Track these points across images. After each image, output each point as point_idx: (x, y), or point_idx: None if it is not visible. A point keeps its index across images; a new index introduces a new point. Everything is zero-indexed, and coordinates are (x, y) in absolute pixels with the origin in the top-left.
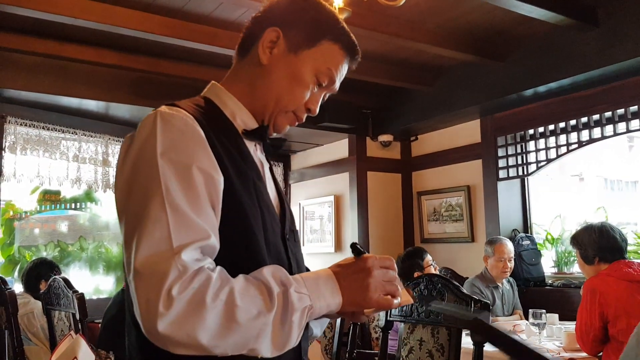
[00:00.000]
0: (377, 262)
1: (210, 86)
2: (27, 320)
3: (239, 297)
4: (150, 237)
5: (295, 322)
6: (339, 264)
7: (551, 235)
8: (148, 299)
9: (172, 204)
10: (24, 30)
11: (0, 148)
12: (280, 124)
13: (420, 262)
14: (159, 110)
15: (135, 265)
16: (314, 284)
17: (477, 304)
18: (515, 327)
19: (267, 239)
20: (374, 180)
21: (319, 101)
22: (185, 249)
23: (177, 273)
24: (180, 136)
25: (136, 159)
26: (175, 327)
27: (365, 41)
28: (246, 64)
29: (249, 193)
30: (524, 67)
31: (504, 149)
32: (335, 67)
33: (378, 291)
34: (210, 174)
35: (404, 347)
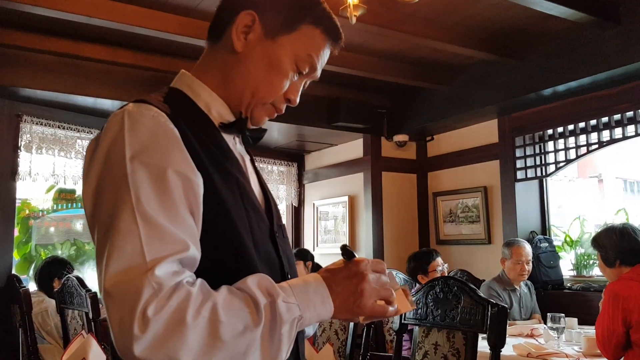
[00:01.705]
0: (370, 265)
1: (179, 76)
2: (42, 319)
3: (222, 312)
4: (120, 252)
5: (284, 335)
6: (328, 268)
7: (570, 238)
8: (121, 321)
9: (144, 214)
10: (39, 30)
11: (16, 147)
12: (258, 117)
13: (425, 265)
14: (126, 108)
15: (105, 285)
16: (303, 291)
17: (494, 308)
18: (533, 331)
19: (254, 240)
20: (389, 180)
21: (299, 90)
22: (160, 263)
23: (151, 291)
24: (151, 137)
25: (103, 164)
26: (153, 350)
27: (380, 39)
28: (219, 51)
29: (232, 192)
30: (543, 66)
31: (522, 149)
32: (317, 53)
33: (373, 297)
34: (188, 176)
35: (418, 351)
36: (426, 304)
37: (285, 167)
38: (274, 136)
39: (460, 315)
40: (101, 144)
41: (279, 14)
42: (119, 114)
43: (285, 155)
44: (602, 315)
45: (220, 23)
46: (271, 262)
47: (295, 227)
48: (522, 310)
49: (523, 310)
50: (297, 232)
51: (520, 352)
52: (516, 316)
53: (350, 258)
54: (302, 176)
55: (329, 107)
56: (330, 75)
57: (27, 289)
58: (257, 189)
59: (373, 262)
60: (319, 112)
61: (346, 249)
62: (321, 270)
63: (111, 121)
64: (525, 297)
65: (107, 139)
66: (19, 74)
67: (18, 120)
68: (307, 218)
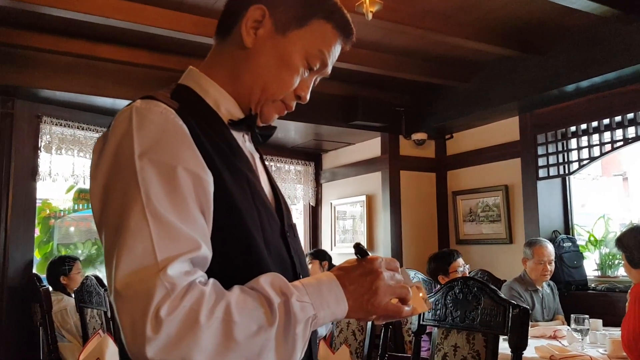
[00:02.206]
0: (384, 263)
1: (187, 72)
2: (61, 317)
3: (236, 312)
4: (131, 252)
5: (299, 334)
6: (341, 266)
7: (594, 237)
8: (133, 323)
9: (155, 213)
10: (56, 31)
11: (36, 147)
12: (267, 114)
13: (446, 266)
14: (134, 104)
15: (116, 286)
16: (317, 290)
17: (515, 309)
18: (556, 332)
19: (266, 239)
20: (408, 179)
21: (310, 87)
22: (172, 263)
23: (164, 291)
24: (160, 134)
25: (111, 162)
26: (166, 352)
27: (398, 36)
28: (228, 46)
29: (243, 190)
30: (565, 61)
31: (544, 147)
32: (328, 49)
33: (387, 295)
34: (198, 174)
35: (437, 353)
36: (445, 304)
37: (302, 166)
38: (291, 135)
39: (480, 316)
40: (109, 142)
41: (289, 8)
42: (127, 110)
43: (302, 154)
44: (628, 317)
45: (229, 18)
46: (283, 262)
47: (312, 227)
48: (544, 311)
49: (545, 312)
50: (314, 232)
51: (543, 354)
52: (538, 317)
53: (363, 256)
54: (320, 175)
55: (346, 106)
56: (348, 73)
57: (47, 288)
58: (267, 187)
59: (387, 260)
60: (336, 110)
61: (360, 247)
62: (334, 269)
63: (119, 118)
64: (547, 297)
65: (115, 137)
66: (38, 76)
67: (38, 121)
68: (325, 218)
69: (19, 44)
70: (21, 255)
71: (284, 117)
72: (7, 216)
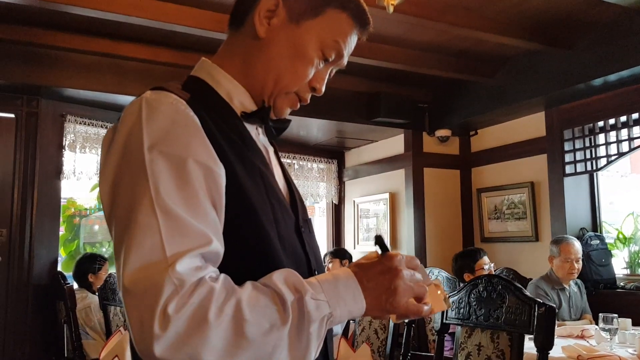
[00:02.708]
0: (404, 261)
1: (200, 63)
2: (85, 315)
3: (247, 309)
4: (139, 248)
5: (313, 333)
6: (359, 263)
7: (623, 235)
8: (141, 319)
9: (164, 207)
10: (79, 30)
11: (61, 146)
12: (280, 107)
13: (472, 264)
14: (144, 96)
15: (124, 281)
16: (333, 287)
17: (541, 307)
18: (583, 332)
19: (280, 235)
20: (431, 176)
21: (325, 78)
22: (181, 258)
23: (172, 288)
24: (170, 125)
25: (120, 155)
26: (175, 350)
27: (420, 31)
28: (240, 37)
29: (256, 184)
30: (592, 55)
31: (571, 142)
32: (343, 39)
33: (407, 295)
34: (209, 167)
35: (460, 352)
36: (469, 303)
37: (325, 164)
38: (314, 133)
39: (505, 315)
40: (118, 134)
41: None
42: (137, 102)
43: (325, 152)
44: None
45: (242, 8)
46: (297, 258)
47: (335, 225)
48: (571, 310)
49: (573, 310)
50: (337, 230)
51: (570, 354)
52: (565, 316)
53: (384, 251)
54: (342, 173)
55: (368, 103)
56: (370, 69)
57: (72, 285)
58: (281, 182)
59: (407, 258)
60: (359, 107)
61: (381, 240)
62: (352, 265)
63: (128, 110)
64: (575, 296)
65: (125, 129)
66: (62, 75)
67: (62, 120)
68: (348, 216)
69: (43, 44)
70: (46, 253)
71: (306, 114)
72: (32, 215)
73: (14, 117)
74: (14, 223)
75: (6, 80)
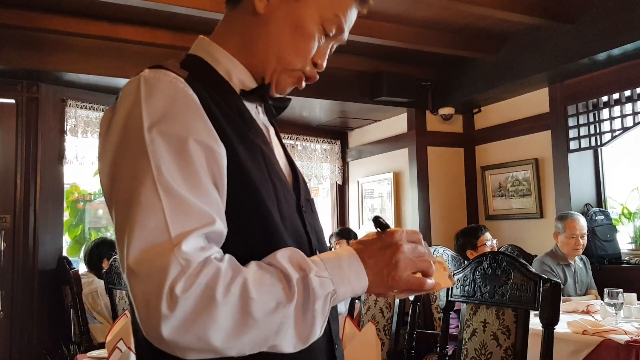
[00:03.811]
0: (405, 235)
1: (197, 41)
2: (92, 299)
3: (253, 288)
4: (143, 228)
5: (318, 310)
6: (361, 240)
7: (628, 210)
8: (147, 301)
9: (166, 187)
10: (78, 14)
11: (62, 131)
12: (283, 84)
13: (474, 240)
14: (142, 74)
15: (129, 263)
16: (336, 265)
17: (546, 283)
18: (589, 307)
19: (282, 214)
20: (435, 155)
21: (327, 54)
22: (186, 238)
23: (179, 268)
24: (170, 104)
25: (120, 135)
26: (183, 331)
27: (422, 8)
28: (239, 13)
29: (257, 163)
30: (596, 29)
31: (574, 118)
32: (344, 13)
33: (409, 269)
34: (210, 146)
35: (466, 329)
36: (474, 280)
37: (328, 145)
38: (316, 114)
39: (510, 291)
40: (117, 114)
41: None
42: (135, 81)
43: (328, 133)
44: None
45: None
46: (298, 237)
47: (340, 205)
48: (577, 285)
49: (578, 286)
50: (342, 210)
51: (576, 330)
52: (571, 292)
53: (383, 229)
54: (346, 154)
55: (371, 82)
56: (372, 48)
57: (77, 270)
58: (282, 161)
59: (409, 232)
60: (361, 87)
61: (378, 220)
62: (353, 243)
63: (126, 89)
64: (580, 272)
65: (123, 109)
66: (62, 59)
67: (63, 105)
68: (352, 196)
69: (42, 28)
70: (51, 238)
71: (309, 95)
72: (35, 200)
73: (14, 102)
74: (17, 209)
75: (5, 66)
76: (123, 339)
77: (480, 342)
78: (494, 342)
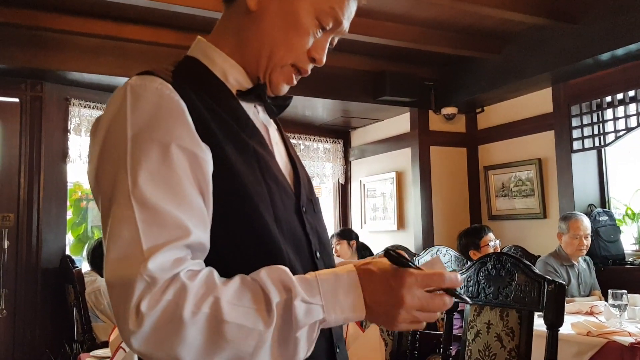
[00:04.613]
0: (417, 285)
1: (195, 43)
2: (95, 298)
3: (227, 308)
4: (117, 239)
5: (301, 338)
6: (368, 268)
7: (632, 210)
8: (118, 313)
9: (141, 198)
10: (82, 13)
11: (66, 130)
12: (276, 82)
13: (477, 241)
14: (129, 82)
15: (105, 273)
16: (332, 290)
17: (550, 285)
18: (593, 308)
19: (277, 217)
20: (438, 155)
21: (325, 48)
22: (157, 252)
23: (144, 285)
24: (154, 111)
25: (102, 144)
26: (151, 346)
27: (425, 7)
28: (233, 12)
29: (250, 165)
30: (599, 29)
31: (578, 118)
32: (340, 5)
33: (407, 322)
34: (194, 152)
35: (470, 331)
36: (478, 281)
37: (330, 144)
38: (319, 113)
39: (514, 292)
40: (102, 122)
41: None
42: (122, 89)
43: (330, 132)
44: None
45: None
46: (297, 240)
47: (342, 205)
48: (580, 286)
49: (582, 287)
50: (344, 210)
51: (580, 331)
52: (574, 293)
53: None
54: (348, 153)
55: (373, 81)
56: (374, 47)
57: (80, 269)
58: (283, 160)
59: (426, 279)
60: (364, 86)
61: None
62: (361, 268)
63: (114, 97)
64: (583, 273)
65: (108, 117)
66: (66, 58)
67: (67, 104)
68: (354, 196)
69: (46, 27)
70: (54, 237)
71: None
72: (39, 199)
73: (18, 101)
74: (21, 208)
75: (10, 65)
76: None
77: (484, 344)
78: (498, 343)
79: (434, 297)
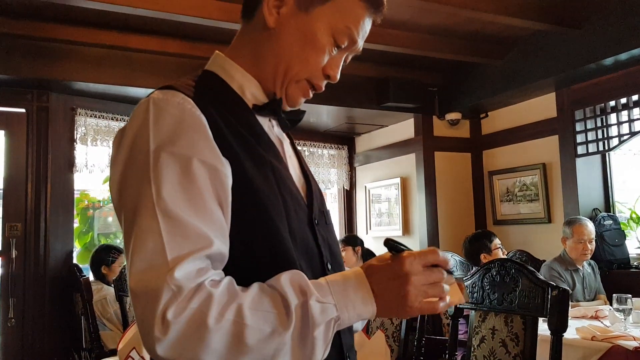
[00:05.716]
0: (417, 262)
1: (213, 57)
2: (102, 306)
3: (249, 313)
4: (142, 250)
5: (318, 337)
6: (371, 264)
7: (636, 214)
8: (143, 322)
9: (165, 209)
10: (88, 23)
11: (72, 139)
12: (292, 96)
13: (489, 243)
14: (152, 96)
15: (130, 283)
16: (342, 290)
17: (554, 290)
18: (597, 312)
19: (291, 229)
20: (442, 160)
21: (340, 65)
22: (181, 262)
23: (170, 293)
24: (177, 125)
25: (126, 157)
26: (176, 352)
27: (428, 14)
28: (252, 28)
29: (266, 179)
30: (602, 34)
31: (582, 123)
32: (355, 24)
33: (419, 298)
34: (215, 166)
35: (475, 337)
36: (482, 287)
37: (335, 150)
38: (324, 119)
39: (518, 298)
40: (126, 135)
41: None
42: (145, 103)
43: (335, 138)
44: None
45: (252, 0)
46: (309, 252)
47: (347, 210)
48: (585, 291)
49: (587, 291)
50: (349, 215)
51: (585, 336)
52: (579, 297)
53: (398, 251)
54: (353, 159)
55: (378, 88)
56: (378, 54)
57: (87, 277)
58: (296, 173)
59: (422, 255)
60: (368, 93)
61: (390, 244)
62: (365, 266)
63: (137, 111)
64: (588, 277)
65: (131, 131)
66: (71, 68)
67: (73, 113)
68: (360, 201)
69: (52, 37)
70: (61, 246)
71: (316, 101)
72: (46, 208)
73: (24, 112)
74: (28, 217)
75: (16, 75)
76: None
77: (489, 349)
78: (502, 349)
79: (433, 270)
